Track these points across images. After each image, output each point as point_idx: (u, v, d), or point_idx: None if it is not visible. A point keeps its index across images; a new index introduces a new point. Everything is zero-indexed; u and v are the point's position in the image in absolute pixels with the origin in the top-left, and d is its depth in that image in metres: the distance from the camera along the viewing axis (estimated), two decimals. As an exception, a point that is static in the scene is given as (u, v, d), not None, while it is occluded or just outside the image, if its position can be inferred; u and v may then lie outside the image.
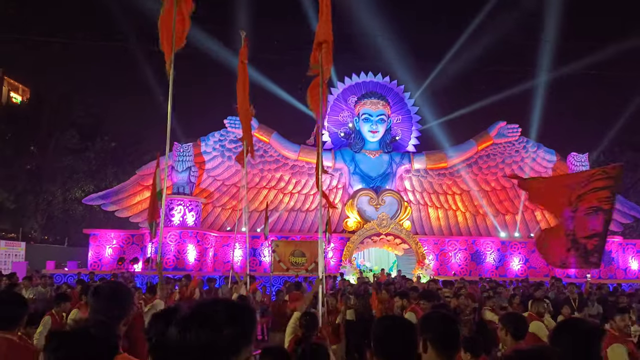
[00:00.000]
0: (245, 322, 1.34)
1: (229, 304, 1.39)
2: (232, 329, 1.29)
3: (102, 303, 2.46)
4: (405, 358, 2.08)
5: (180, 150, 21.32)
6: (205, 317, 1.30)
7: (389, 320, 2.27)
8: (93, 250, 21.22)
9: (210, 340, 1.26)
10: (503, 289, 12.00)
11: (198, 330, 1.27)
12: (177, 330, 1.29)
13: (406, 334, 2.12)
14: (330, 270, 20.73)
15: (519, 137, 24.79)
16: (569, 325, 2.39)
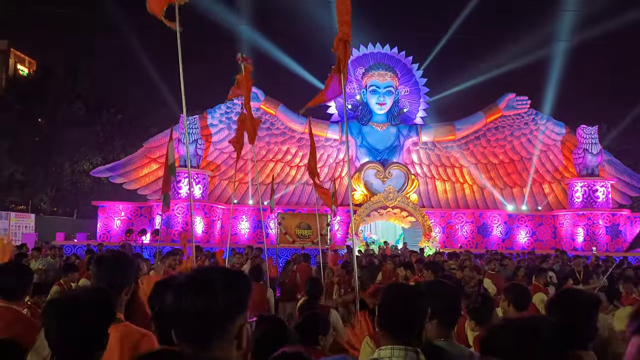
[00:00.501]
0: (240, 289, 1.35)
1: (225, 271, 1.40)
2: (227, 295, 1.30)
3: (105, 272, 2.48)
4: (410, 328, 2.07)
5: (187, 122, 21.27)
6: (201, 284, 1.31)
7: (396, 287, 2.25)
8: (102, 222, 21.44)
9: (205, 307, 1.27)
10: (508, 261, 12.03)
11: (193, 297, 1.28)
12: (173, 297, 1.31)
13: (412, 302, 2.11)
14: (337, 243, 20.86)
15: (528, 109, 24.50)
16: (566, 295, 2.38)
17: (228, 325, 1.30)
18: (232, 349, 1.30)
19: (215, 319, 1.28)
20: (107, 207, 21.70)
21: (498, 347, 1.66)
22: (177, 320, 1.31)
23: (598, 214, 21.83)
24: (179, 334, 1.31)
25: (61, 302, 1.86)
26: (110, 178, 22.44)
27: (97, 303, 1.82)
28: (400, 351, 2.03)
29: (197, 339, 1.29)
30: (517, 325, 1.71)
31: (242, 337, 1.31)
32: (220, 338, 1.29)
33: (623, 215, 22.32)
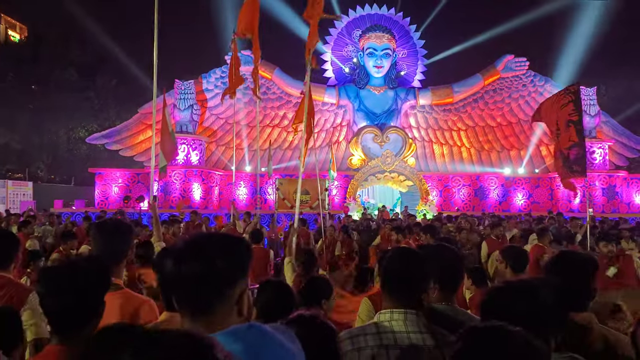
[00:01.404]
0: (240, 254, 1.34)
1: (223, 237, 1.39)
2: (226, 261, 1.29)
3: (106, 238, 2.47)
4: (411, 291, 2.07)
5: (182, 87, 21.04)
6: (199, 249, 1.30)
7: (399, 251, 2.24)
8: (99, 189, 21.43)
9: (203, 272, 1.26)
10: (505, 223, 12.10)
11: (191, 262, 1.27)
12: (172, 263, 1.30)
13: (414, 266, 2.10)
14: (335, 208, 20.93)
15: (526, 71, 24.25)
16: (564, 257, 2.38)
17: (228, 291, 1.29)
18: (232, 315, 1.29)
19: (215, 285, 1.27)
20: (104, 174, 21.65)
21: (498, 309, 1.67)
22: (176, 286, 1.30)
23: (595, 175, 21.88)
24: (179, 300, 1.31)
25: (55, 269, 1.85)
26: (106, 145, 22.32)
27: (92, 271, 1.80)
28: (400, 314, 2.04)
29: (197, 304, 1.28)
30: (518, 287, 1.71)
31: (243, 303, 1.31)
32: (220, 304, 1.28)
33: (620, 177, 22.38)
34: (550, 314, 1.66)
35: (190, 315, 1.29)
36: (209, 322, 1.26)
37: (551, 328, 1.69)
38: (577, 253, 2.62)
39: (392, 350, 1.98)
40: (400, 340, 1.99)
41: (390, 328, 2.02)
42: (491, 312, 1.68)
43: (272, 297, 2.60)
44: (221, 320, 1.27)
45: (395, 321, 2.04)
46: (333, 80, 24.83)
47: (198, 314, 1.28)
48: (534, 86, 24.21)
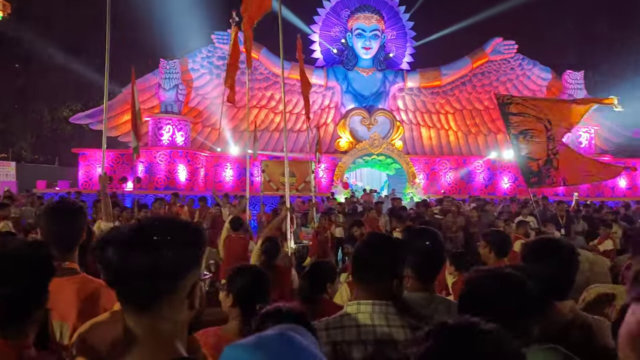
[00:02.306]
0: (191, 243, 1.21)
1: (173, 223, 1.24)
2: (176, 250, 1.15)
3: (58, 222, 2.30)
4: (380, 280, 1.94)
5: (167, 67, 20.68)
6: (146, 237, 1.16)
7: (368, 237, 2.14)
8: (83, 170, 21.14)
9: (150, 263, 1.13)
10: (490, 206, 12.14)
11: (137, 252, 1.14)
12: (115, 252, 1.15)
13: (382, 253, 1.97)
14: (322, 190, 20.87)
15: (515, 54, 24.19)
16: (541, 243, 2.31)
17: (178, 283, 1.16)
18: (182, 308, 1.17)
19: (163, 277, 1.14)
20: (88, 154, 21.35)
21: (477, 299, 1.59)
22: (119, 279, 1.16)
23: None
24: (122, 293, 1.17)
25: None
26: (90, 125, 21.98)
27: (31, 258, 1.65)
28: (367, 306, 1.91)
29: (143, 298, 1.15)
30: (497, 276, 1.63)
31: (195, 296, 1.18)
32: (168, 297, 1.15)
33: (605, 161, 22.52)
34: (530, 303, 1.59)
35: (135, 310, 1.16)
36: (156, 317, 1.14)
37: (531, 318, 1.62)
38: (555, 240, 2.56)
39: (355, 345, 1.85)
40: (365, 335, 1.85)
41: (356, 321, 1.88)
42: (470, 302, 1.61)
43: (248, 283, 2.51)
44: (170, 314, 1.15)
45: (362, 313, 1.90)
46: (321, 62, 24.57)
47: (144, 309, 1.15)
48: (522, 69, 24.17)
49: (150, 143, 20.91)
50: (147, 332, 1.15)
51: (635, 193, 22.43)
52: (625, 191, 22.68)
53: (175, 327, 1.17)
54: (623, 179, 22.84)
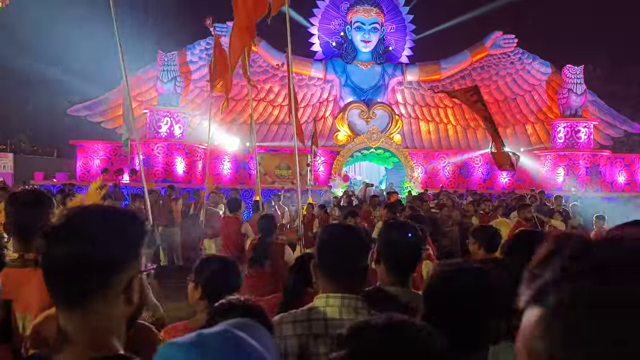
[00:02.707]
0: (127, 233, 1.13)
1: (108, 212, 1.17)
2: (111, 242, 1.08)
3: (20, 211, 2.25)
4: (346, 273, 1.90)
5: (165, 59, 20.60)
6: (75, 228, 1.08)
7: (328, 228, 2.10)
8: (81, 162, 21.13)
9: (80, 256, 1.05)
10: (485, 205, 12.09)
11: (66, 244, 1.06)
12: (44, 243, 1.08)
13: (344, 244, 1.92)
14: (320, 184, 20.83)
15: (514, 48, 24.07)
16: (521, 237, 2.28)
17: (112, 278, 1.08)
18: (118, 304, 1.09)
19: (95, 271, 1.06)
20: (86, 146, 21.33)
21: (441, 293, 1.56)
22: (46, 272, 1.09)
23: (579, 154, 21.95)
24: (51, 287, 1.09)
25: None
26: (88, 117, 21.94)
27: None
28: (336, 299, 1.86)
29: (73, 294, 1.08)
30: (461, 269, 1.60)
31: (133, 290, 1.10)
32: (102, 292, 1.07)
33: (604, 156, 22.50)
34: (496, 298, 1.56)
35: (65, 306, 1.09)
36: (89, 313, 1.07)
37: (498, 313, 1.58)
38: (535, 232, 2.53)
39: (322, 339, 1.80)
40: (332, 329, 1.78)
41: (323, 315, 1.84)
42: (433, 298, 1.58)
43: (216, 273, 2.45)
44: (103, 310, 1.08)
45: (330, 307, 1.85)
46: (320, 55, 24.47)
47: (75, 305, 1.08)
48: (521, 64, 24.06)
49: (147, 135, 20.86)
50: (78, 329, 1.08)
51: (634, 188, 22.39)
52: (624, 186, 22.64)
53: (110, 324, 1.11)
54: (622, 174, 22.81)
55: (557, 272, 0.53)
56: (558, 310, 0.51)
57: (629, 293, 0.47)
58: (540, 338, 0.51)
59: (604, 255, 0.51)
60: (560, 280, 0.52)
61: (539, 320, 0.52)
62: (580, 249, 0.53)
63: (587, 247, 0.53)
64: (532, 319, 0.53)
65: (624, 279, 0.47)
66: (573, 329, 0.48)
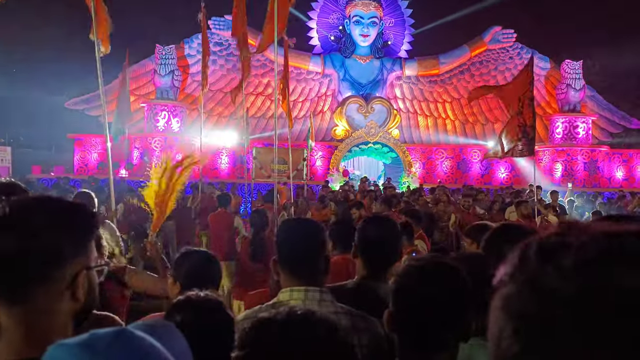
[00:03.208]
0: (70, 226, 1.07)
1: (49, 203, 1.11)
2: (52, 234, 1.03)
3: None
4: (308, 266, 1.88)
5: (163, 52, 20.55)
6: (13, 218, 1.03)
7: (288, 222, 2.10)
8: (78, 156, 21.13)
9: (16, 249, 1.01)
10: (483, 196, 12.09)
11: (4, 234, 1.01)
12: None
13: (305, 237, 1.91)
14: (318, 178, 20.83)
15: (513, 43, 24.02)
16: (503, 230, 2.26)
17: (54, 273, 1.03)
18: (62, 300, 1.05)
19: (34, 265, 1.01)
20: (84, 140, 21.31)
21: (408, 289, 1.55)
22: None
23: (577, 150, 21.93)
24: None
25: None
26: (86, 110, 21.90)
27: None
28: (300, 293, 1.85)
29: (11, 289, 1.03)
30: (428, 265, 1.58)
31: (78, 286, 1.05)
32: (42, 289, 1.02)
33: (602, 152, 22.48)
34: (465, 293, 1.54)
35: (5, 304, 1.03)
36: (29, 310, 1.03)
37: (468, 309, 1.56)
38: (515, 226, 2.51)
39: None
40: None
41: None
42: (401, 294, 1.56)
43: (196, 267, 2.41)
44: (46, 307, 1.03)
45: (294, 300, 1.83)
46: (318, 49, 24.40)
47: (14, 300, 1.03)
48: (520, 58, 23.98)
49: (145, 129, 20.84)
50: (18, 325, 1.03)
51: (632, 184, 22.38)
52: (622, 182, 22.63)
53: (53, 320, 1.06)
54: (621, 169, 22.80)
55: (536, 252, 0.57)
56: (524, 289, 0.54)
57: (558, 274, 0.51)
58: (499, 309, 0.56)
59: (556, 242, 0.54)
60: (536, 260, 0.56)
61: (499, 295, 0.57)
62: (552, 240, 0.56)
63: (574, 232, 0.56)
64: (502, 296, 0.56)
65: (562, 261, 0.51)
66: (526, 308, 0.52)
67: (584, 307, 0.48)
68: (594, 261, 0.49)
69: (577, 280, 0.49)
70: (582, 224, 0.56)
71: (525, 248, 0.57)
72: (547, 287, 0.50)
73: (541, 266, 0.52)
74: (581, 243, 0.51)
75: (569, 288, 0.49)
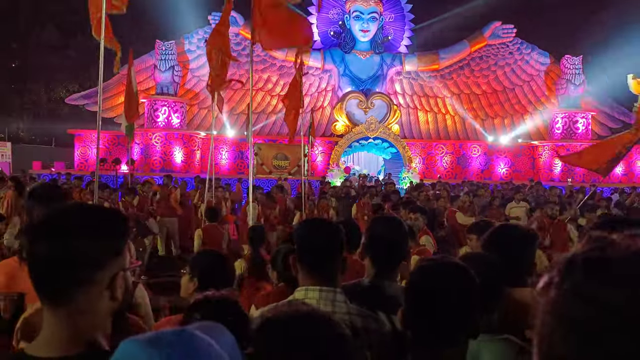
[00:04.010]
0: (110, 230, 1.16)
1: (90, 210, 1.21)
2: (91, 240, 1.10)
3: (38, 205, 2.33)
4: (324, 266, 1.94)
5: (163, 48, 20.53)
6: (57, 227, 1.11)
7: (309, 222, 2.15)
8: (79, 151, 21.14)
9: (61, 254, 1.08)
10: (483, 192, 12.15)
11: (47, 242, 1.09)
12: (27, 241, 1.12)
13: (324, 238, 1.96)
14: (318, 174, 20.87)
15: (513, 38, 24.02)
16: (502, 231, 2.31)
17: (94, 276, 1.11)
18: (102, 301, 1.13)
19: (76, 269, 1.09)
20: (84, 135, 21.31)
21: (421, 288, 1.60)
22: (30, 269, 1.12)
23: (577, 145, 21.94)
24: (36, 285, 1.12)
25: None
26: (86, 106, 21.88)
27: None
28: (315, 292, 1.91)
29: (55, 292, 1.11)
30: (440, 264, 1.64)
31: (116, 287, 1.14)
32: (84, 290, 1.10)
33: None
34: (473, 292, 1.59)
35: (50, 302, 1.12)
36: (73, 310, 1.11)
37: (475, 307, 1.62)
38: (514, 226, 2.57)
39: None
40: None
41: None
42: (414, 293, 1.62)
43: (212, 267, 2.49)
44: (88, 307, 1.11)
45: (309, 299, 1.89)
46: (318, 44, 24.37)
47: (59, 301, 1.11)
48: (520, 54, 24.02)
49: (146, 125, 20.85)
50: (63, 325, 1.11)
51: (631, 179, 22.43)
52: (621, 177, 22.68)
53: (95, 320, 1.14)
54: (620, 165, 22.82)
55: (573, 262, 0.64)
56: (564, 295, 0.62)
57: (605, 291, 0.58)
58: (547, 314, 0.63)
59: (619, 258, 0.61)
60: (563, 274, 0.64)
61: (547, 301, 0.64)
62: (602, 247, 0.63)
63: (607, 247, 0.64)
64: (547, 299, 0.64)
65: (609, 281, 0.59)
66: (565, 312, 0.61)
67: (632, 314, 0.55)
68: (637, 275, 0.57)
69: (625, 291, 0.56)
70: (615, 239, 0.63)
71: (571, 260, 0.64)
72: (596, 297, 0.58)
73: (588, 278, 0.60)
74: (623, 259, 0.60)
75: (617, 298, 0.56)
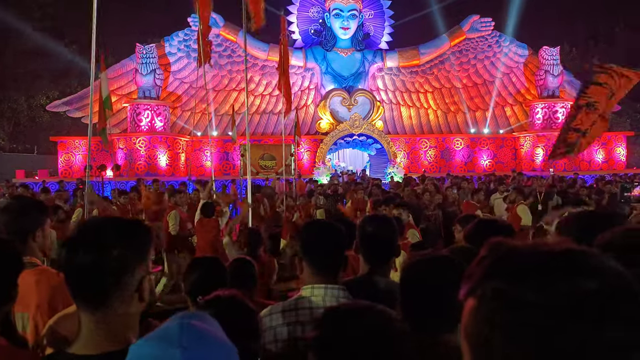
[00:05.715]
0: (137, 240, 1.30)
1: (120, 222, 1.35)
2: (123, 248, 1.24)
3: (9, 219, 2.32)
4: (330, 265, 2.06)
5: (143, 51, 20.43)
6: (92, 237, 1.26)
7: (314, 223, 2.28)
8: (62, 158, 20.98)
9: (98, 262, 1.22)
10: (466, 184, 12.34)
11: (85, 252, 1.23)
12: (65, 252, 1.25)
13: (329, 238, 2.08)
14: (304, 172, 20.96)
15: (492, 31, 24.32)
16: (482, 225, 2.43)
17: (126, 280, 1.25)
18: (132, 303, 1.27)
19: (112, 274, 1.23)
20: (67, 142, 21.15)
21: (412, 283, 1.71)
22: (68, 277, 1.26)
23: (557, 135, 22.30)
24: (74, 292, 1.26)
25: None
26: (68, 112, 21.71)
27: (1, 254, 1.71)
28: (320, 290, 2.02)
29: (94, 296, 1.24)
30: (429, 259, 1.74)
31: (144, 290, 1.28)
32: (118, 293, 1.24)
33: (581, 136, 22.87)
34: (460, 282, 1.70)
35: (87, 306, 1.26)
36: (108, 313, 1.24)
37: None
38: (494, 220, 2.69)
39: (308, 326, 1.94)
40: (317, 316, 1.82)
41: (309, 304, 2.01)
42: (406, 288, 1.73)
43: (203, 275, 2.56)
44: (120, 309, 1.25)
45: (315, 297, 2.02)
46: (300, 43, 24.45)
47: (97, 306, 1.25)
48: (499, 47, 24.34)
49: (129, 129, 20.76)
50: (99, 326, 1.25)
51: (612, 166, 22.89)
52: (602, 164, 23.12)
53: (127, 320, 1.28)
54: (601, 152, 23.27)
55: (484, 272, 0.68)
56: (481, 302, 0.66)
57: (532, 294, 0.62)
58: (472, 321, 0.67)
59: (520, 261, 0.66)
60: (484, 279, 0.67)
61: (471, 308, 0.67)
62: (504, 254, 0.68)
63: (509, 253, 0.68)
64: (468, 307, 0.68)
65: (531, 283, 0.63)
66: (491, 316, 0.64)
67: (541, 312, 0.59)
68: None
69: (537, 287, 0.62)
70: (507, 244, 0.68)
71: (482, 265, 0.68)
72: (518, 299, 0.61)
73: (507, 284, 0.63)
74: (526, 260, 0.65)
75: (534, 295, 0.61)
